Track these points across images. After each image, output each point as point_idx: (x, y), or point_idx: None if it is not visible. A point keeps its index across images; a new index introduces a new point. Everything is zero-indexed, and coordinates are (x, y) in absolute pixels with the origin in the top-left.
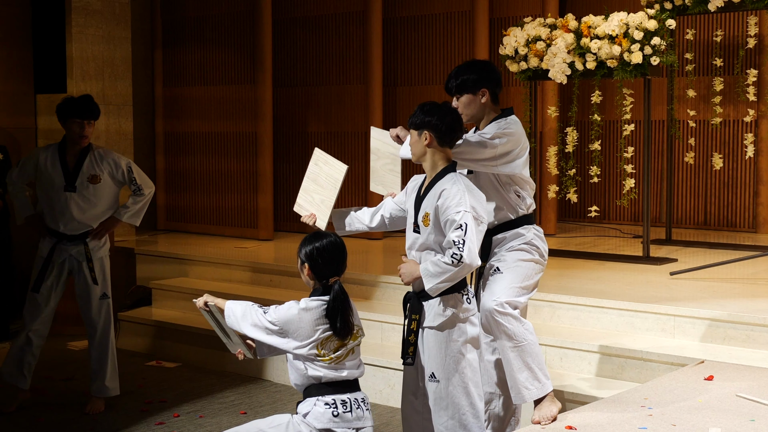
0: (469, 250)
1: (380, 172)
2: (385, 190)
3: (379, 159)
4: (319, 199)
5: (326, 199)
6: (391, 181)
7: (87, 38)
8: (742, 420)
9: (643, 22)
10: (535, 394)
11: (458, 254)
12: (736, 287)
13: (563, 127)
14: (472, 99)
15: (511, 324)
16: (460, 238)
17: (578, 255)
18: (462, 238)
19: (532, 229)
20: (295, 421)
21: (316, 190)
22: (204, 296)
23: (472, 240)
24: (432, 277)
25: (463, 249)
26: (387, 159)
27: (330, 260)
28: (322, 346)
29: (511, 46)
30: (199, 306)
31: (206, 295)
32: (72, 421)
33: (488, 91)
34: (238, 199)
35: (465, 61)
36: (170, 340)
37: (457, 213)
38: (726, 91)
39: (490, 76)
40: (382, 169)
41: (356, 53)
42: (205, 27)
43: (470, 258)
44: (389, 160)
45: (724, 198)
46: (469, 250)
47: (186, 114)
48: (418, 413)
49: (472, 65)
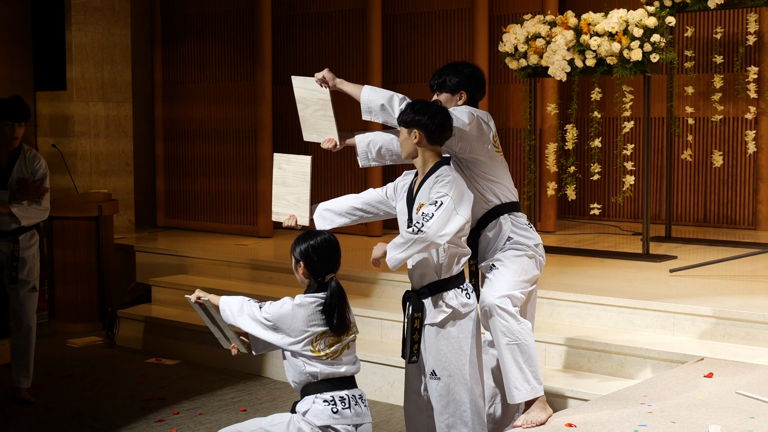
0: (435, 224)
1: (311, 119)
2: (320, 137)
3: (307, 107)
4: (294, 198)
5: (301, 196)
6: (326, 127)
7: (87, 36)
8: (741, 417)
9: (642, 19)
10: (524, 395)
11: (420, 223)
12: (735, 284)
13: (563, 124)
14: (450, 99)
15: (508, 321)
16: (429, 212)
17: (578, 252)
18: (432, 212)
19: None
20: (295, 420)
21: (288, 192)
22: (196, 291)
23: (441, 218)
24: (394, 248)
25: (429, 221)
26: (316, 105)
27: (325, 257)
28: (317, 342)
29: (510, 43)
30: (191, 301)
31: (198, 290)
32: (72, 418)
33: (466, 94)
34: (238, 192)
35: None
36: (170, 338)
37: (438, 194)
38: (726, 89)
39: (469, 80)
40: (313, 117)
41: (356, 50)
42: (205, 24)
43: (432, 231)
44: (319, 107)
45: (723, 195)
46: (434, 224)
47: (186, 113)
48: (422, 412)
49: (453, 67)
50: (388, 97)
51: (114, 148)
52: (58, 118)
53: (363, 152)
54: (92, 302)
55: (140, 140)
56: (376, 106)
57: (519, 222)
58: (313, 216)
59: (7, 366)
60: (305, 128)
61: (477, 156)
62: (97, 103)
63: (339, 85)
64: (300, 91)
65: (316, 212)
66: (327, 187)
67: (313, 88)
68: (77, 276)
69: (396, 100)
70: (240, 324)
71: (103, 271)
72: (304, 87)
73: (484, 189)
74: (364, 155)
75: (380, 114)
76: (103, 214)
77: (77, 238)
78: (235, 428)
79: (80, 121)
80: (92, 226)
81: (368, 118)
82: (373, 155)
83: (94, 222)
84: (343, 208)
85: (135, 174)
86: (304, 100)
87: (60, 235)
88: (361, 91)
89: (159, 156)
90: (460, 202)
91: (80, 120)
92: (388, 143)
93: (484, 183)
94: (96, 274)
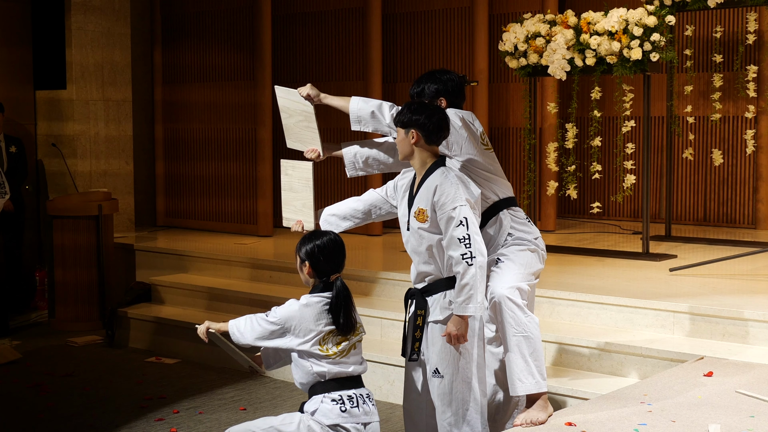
0: (477, 243)
1: (294, 129)
2: (304, 146)
3: (291, 117)
4: (300, 204)
5: (306, 201)
6: (310, 138)
7: (87, 35)
8: (741, 416)
9: (642, 18)
10: (527, 388)
11: (467, 254)
12: (735, 283)
13: (563, 123)
14: None
15: (516, 313)
16: (463, 235)
17: (578, 251)
18: (465, 234)
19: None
20: (305, 419)
21: (295, 197)
22: (204, 323)
23: (474, 229)
24: (466, 302)
25: (471, 246)
26: (300, 117)
27: (330, 257)
28: (324, 341)
29: (510, 43)
30: (201, 334)
31: (207, 322)
32: (72, 417)
33: (446, 100)
34: (238, 191)
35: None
36: (170, 337)
37: (453, 209)
38: (726, 88)
39: (447, 86)
40: (297, 126)
41: (356, 49)
42: (205, 23)
43: (480, 249)
44: (302, 118)
45: (723, 194)
46: (476, 243)
47: (185, 112)
48: (422, 411)
49: (431, 75)
50: (378, 105)
51: (114, 146)
52: (57, 116)
53: (350, 162)
54: (92, 301)
55: (139, 135)
56: (366, 115)
57: (517, 217)
58: (318, 221)
59: (7, 365)
60: (288, 136)
61: (471, 155)
62: (97, 102)
63: (324, 99)
64: (283, 101)
65: (321, 217)
66: (328, 190)
67: (297, 100)
68: (77, 275)
69: (386, 107)
70: (249, 339)
71: (103, 270)
72: (287, 98)
73: (481, 187)
74: (351, 165)
75: (370, 122)
76: (103, 213)
77: (77, 238)
78: (246, 426)
79: (80, 120)
80: (92, 225)
81: (357, 127)
82: (360, 165)
83: (94, 221)
84: (347, 211)
85: (135, 174)
86: (288, 110)
87: (60, 234)
88: (350, 102)
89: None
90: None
91: (80, 119)
92: (375, 153)
93: (480, 181)
94: (96, 273)
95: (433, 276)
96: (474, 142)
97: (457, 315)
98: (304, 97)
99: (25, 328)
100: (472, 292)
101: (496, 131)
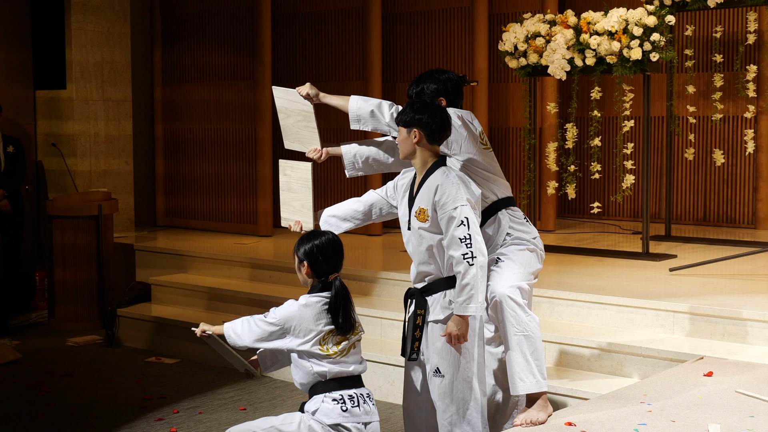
0: (478, 243)
1: (292, 129)
2: (303, 147)
3: (289, 117)
4: (299, 204)
5: (305, 202)
6: (309, 138)
7: (86, 34)
8: (741, 416)
9: (642, 18)
10: (528, 387)
11: (468, 253)
12: (735, 283)
13: (563, 123)
14: None
15: (517, 312)
16: (464, 234)
17: (577, 251)
18: (466, 234)
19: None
20: (306, 419)
21: (294, 198)
22: (201, 325)
23: (475, 229)
24: (467, 302)
25: (473, 246)
26: (298, 116)
27: (329, 257)
28: (324, 341)
29: (510, 42)
30: (198, 335)
31: (203, 324)
32: (72, 417)
33: (445, 99)
34: (238, 191)
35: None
36: (169, 337)
37: (454, 209)
38: (726, 87)
39: (446, 86)
40: (295, 127)
41: (356, 49)
42: (205, 23)
43: (481, 249)
44: (301, 118)
45: (723, 194)
46: (477, 243)
47: (185, 112)
48: (422, 411)
49: (430, 75)
50: (377, 104)
51: (114, 146)
52: (56, 116)
53: (350, 162)
54: (92, 301)
55: (139, 135)
56: (365, 114)
57: (516, 216)
58: (318, 222)
59: (7, 365)
60: (286, 137)
61: (470, 155)
62: (96, 102)
63: (323, 98)
64: (281, 101)
65: (321, 219)
66: (328, 190)
67: (296, 100)
68: (77, 275)
69: (385, 106)
70: (247, 341)
71: (103, 270)
72: (285, 98)
73: (480, 186)
74: (351, 165)
75: (370, 121)
76: (103, 213)
77: (77, 237)
78: (246, 426)
79: (80, 120)
80: (92, 224)
81: (357, 127)
82: (360, 165)
83: (94, 221)
84: (347, 212)
85: (134, 174)
86: (286, 110)
87: (59, 234)
88: (349, 101)
89: (159, 159)
90: (471, 200)
91: (80, 119)
92: (375, 153)
93: (479, 181)
94: (96, 273)
95: (433, 276)
96: (473, 141)
97: (457, 315)
98: (304, 97)
99: (25, 327)
100: (473, 292)
101: (495, 131)
